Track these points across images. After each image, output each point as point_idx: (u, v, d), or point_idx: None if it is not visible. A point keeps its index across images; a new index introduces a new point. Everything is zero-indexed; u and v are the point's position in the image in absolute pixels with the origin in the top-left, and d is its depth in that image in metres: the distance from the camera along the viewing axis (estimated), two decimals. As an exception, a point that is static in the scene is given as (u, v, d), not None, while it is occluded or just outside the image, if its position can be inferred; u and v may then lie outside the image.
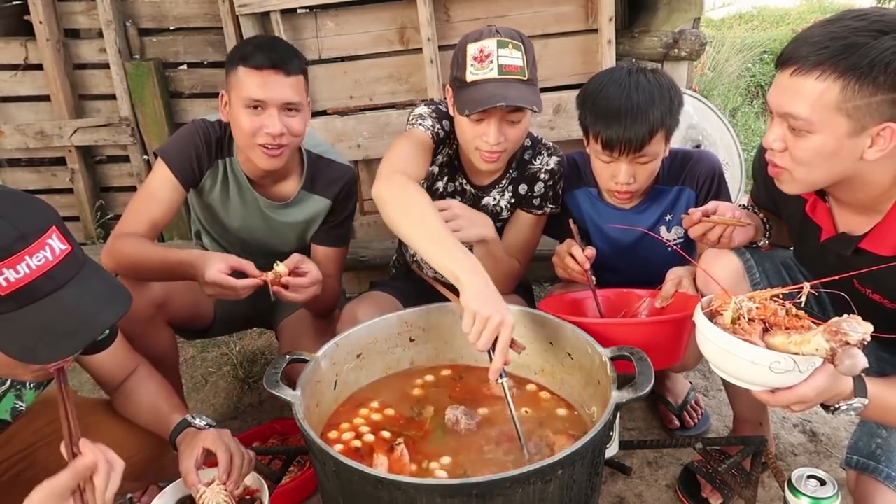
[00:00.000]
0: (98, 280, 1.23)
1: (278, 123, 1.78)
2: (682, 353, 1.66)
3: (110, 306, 1.22)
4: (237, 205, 2.03)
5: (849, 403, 1.24)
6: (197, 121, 1.95)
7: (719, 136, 2.94)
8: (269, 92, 1.77)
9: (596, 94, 1.78)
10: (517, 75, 1.69)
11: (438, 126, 1.86)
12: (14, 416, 1.45)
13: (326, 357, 1.54)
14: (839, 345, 1.05)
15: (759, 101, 6.05)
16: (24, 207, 1.16)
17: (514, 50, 1.69)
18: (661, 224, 1.98)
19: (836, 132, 1.21)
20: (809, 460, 1.99)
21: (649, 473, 1.96)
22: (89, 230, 3.43)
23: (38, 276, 1.13)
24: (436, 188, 1.98)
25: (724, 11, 9.04)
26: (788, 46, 1.25)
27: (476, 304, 1.37)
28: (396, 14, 2.77)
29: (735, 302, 1.20)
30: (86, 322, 1.18)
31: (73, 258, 1.19)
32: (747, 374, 1.19)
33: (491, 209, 1.98)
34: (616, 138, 1.72)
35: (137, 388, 1.59)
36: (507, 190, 1.97)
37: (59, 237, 1.17)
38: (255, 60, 1.76)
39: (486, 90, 1.67)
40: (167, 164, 1.88)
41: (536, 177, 1.95)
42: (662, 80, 1.78)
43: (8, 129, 3.27)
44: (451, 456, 1.39)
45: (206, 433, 1.42)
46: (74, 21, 3.19)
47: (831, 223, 1.42)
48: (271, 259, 2.21)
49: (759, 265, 1.62)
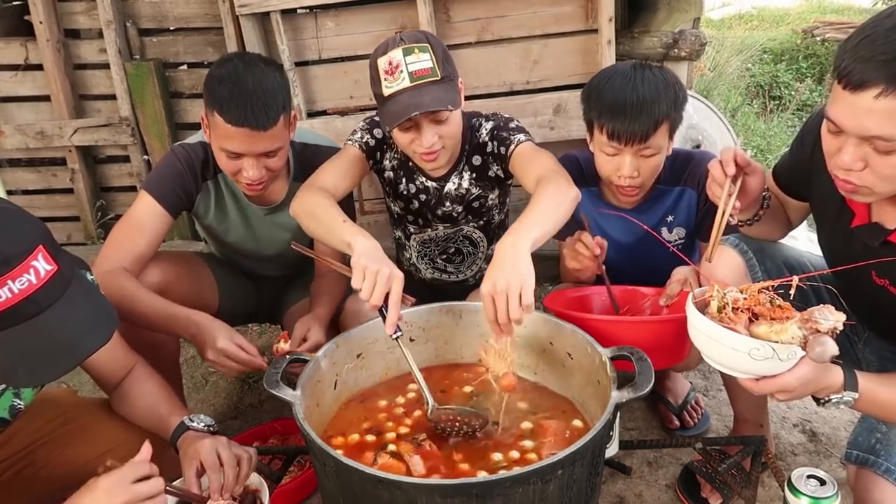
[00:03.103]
0: (83, 303, 1.20)
1: (257, 171, 1.78)
2: (686, 352, 1.66)
3: (94, 332, 1.20)
4: (236, 219, 2.03)
5: (839, 397, 1.26)
6: (176, 148, 1.92)
7: (719, 137, 2.94)
8: (246, 147, 1.73)
9: (602, 87, 1.78)
10: (429, 77, 1.71)
11: (368, 136, 1.93)
12: (13, 414, 1.45)
13: (326, 357, 1.54)
14: (810, 332, 1.09)
15: (759, 101, 6.05)
16: (8, 228, 1.14)
17: (421, 53, 1.71)
18: (662, 225, 1.98)
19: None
20: (809, 460, 1.99)
21: (649, 473, 1.96)
22: (89, 230, 3.44)
23: (20, 301, 1.11)
24: (401, 191, 2.03)
25: (724, 11, 9.06)
26: (860, 65, 1.14)
27: (364, 261, 1.43)
28: (396, 14, 2.77)
29: (718, 290, 1.24)
30: (67, 348, 1.16)
31: (59, 278, 1.16)
32: (729, 361, 1.22)
33: (455, 194, 2.00)
34: (622, 129, 1.73)
35: (135, 388, 1.59)
36: (464, 170, 1.99)
37: (45, 257, 1.15)
38: (230, 115, 1.69)
39: (402, 101, 1.70)
40: (152, 195, 1.84)
41: (482, 143, 1.94)
42: (668, 76, 1.80)
43: (8, 129, 3.27)
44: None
45: (202, 444, 1.40)
46: (74, 21, 3.19)
47: (866, 211, 1.39)
48: (270, 265, 2.22)
49: (761, 263, 1.62)
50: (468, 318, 1.69)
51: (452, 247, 2.13)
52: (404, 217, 2.11)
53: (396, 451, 1.39)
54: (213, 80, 1.74)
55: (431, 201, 2.03)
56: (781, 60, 6.68)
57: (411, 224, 2.11)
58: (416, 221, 2.09)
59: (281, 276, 2.26)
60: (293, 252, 2.15)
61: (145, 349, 1.81)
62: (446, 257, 2.14)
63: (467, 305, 1.71)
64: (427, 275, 2.19)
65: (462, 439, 1.45)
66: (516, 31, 2.78)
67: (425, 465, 1.35)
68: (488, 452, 1.41)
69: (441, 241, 2.11)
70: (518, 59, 2.80)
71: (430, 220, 2.07)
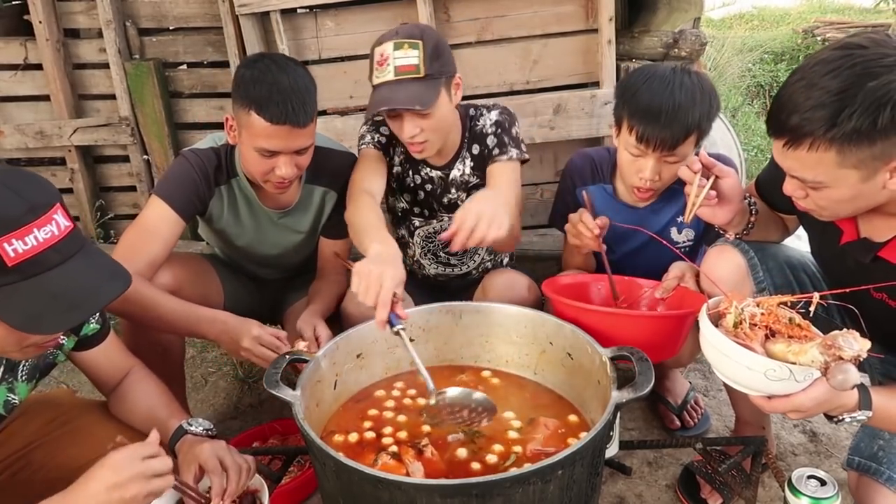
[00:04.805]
0: (100, 257, 1.29)
1: (291, 168, 1.80)
2: (678, 348, 1.67)
3: (113, 280, 1.27)
4: (248, 223, 2.03)
5: (853, 416, 1.23)
6: (187, 153, 1.92)
7: (719, 136, 2.93)
8: (284, 144, 1.75)
9: (639, 86, 1.77)
10: (411, 74, 1.76)
11: (377, 135, 2.00)
12: (7, 409, 1.44)
13: (326, 357, 1.54)
14: (833, 359, 1.06)
15: (760, 101, 6.05)
16: (32, 182, 1.21)
17: (410, 49, 1.76)
18: (672, 225, 1.98)
19: (849, 182, 1.20)
20: (809, 460, 1.99)
21: (649, 473, 1.96)
22: (89, 230, 3.43)
23: (46, 249, 1.17)
24: (407, 184, 2.08)
25: (724, 11, 9.05)
26: (774, 114, 1.24)
27: (360, 265, 1.46)
28: (396, 14, 2.77)
29: (736, 306, 1.20)
30: (91, 294, 1.23)
31: (76, 234, 1.24)
32: (743, 379, 1.20)
33: (459, 181, 2.04)
34: (652, 134, 1.73)
35: (133, 391, 1.59)
36: (466, 158, 2.03)
37: (63, 214, 1.22)
38: (270, 113, 1.70)
39: (381, 93, 1.78)
40: (165, 200, 1.84)
41: (484, 133, 1.99)
42: (705, 84, 1.78)
43: (8, 129, 3.27)
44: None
45: (201, 448, 1.40)
46: (74, 21, 3.19)
47: (854, 227, 1.40)
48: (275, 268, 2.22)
49: (763, 263, 1.61)
50: (468, 318, 1.69)
51: None
52: (410, 211, 2.13)
53: (398, 453, 1.39)
54: (246, 81, 1.74)
55: (437, 190, 2.06)
56: (782, 60, 6.68)
57: (417, 217, 2.13)
58: (421, 213, 2.12)
59: (282, 278, 2.26)
60: (298, 255, 2.16)
61: (152, 352, 1.81)
62: (450, 251, 2.14)
63: (467, 305, 1.71)
64: (431, 270, 2.19)
65: (464, 436, 1.44)
66: (516, 31, 2.77)
67: (426, 472, 1.34)
68: (490, 445, 1.42)
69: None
70: (518, 58, 2.80)
71: (436, 210, 2.10)
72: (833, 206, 1.28)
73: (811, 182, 1.23)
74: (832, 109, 1.14)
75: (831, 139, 1.15)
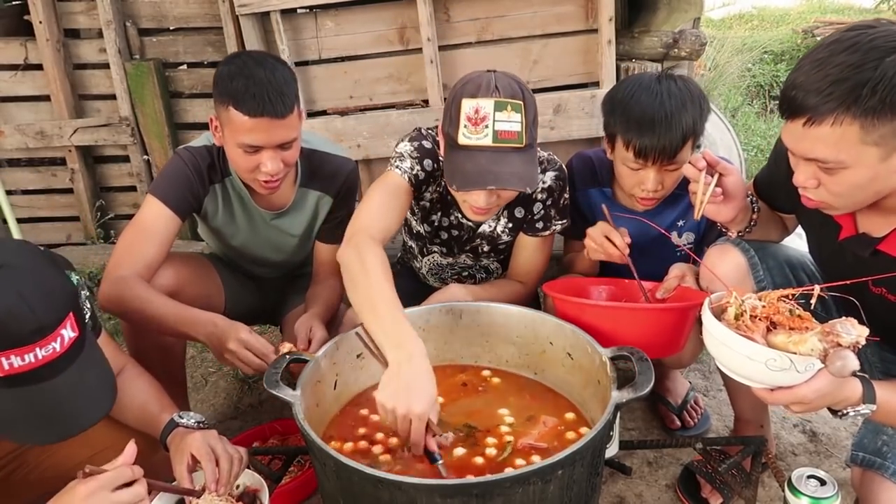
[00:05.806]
0: (91, 371, 1.24)
1: (276, 164, 1.75)
2: (681, 344, 1.66)
3: (95, 405, 1.23)
4: (242, 222, 2.02)
5: (857, 409, 1.23)
6: (181, 151, 1.90)
7: (719, 136, 2.94)
8: (265, 138, 1.72)
9: (627, 101, 1.74)
10: (513, 142, 1.58)
11: (418, 167, 1.77)
12: None
13: (326, 357, 1.53)
14: (831, 346, 1.07)
15: (760, 101, 6.05)
16: (49, 296, 1.16)
17: (513, 112, 1.56)
18: (672, 230, 1.98)
19: (869, 161, 1.19)
20: (809, 460, 1.99)
21: (649, 473, 1.96)
22: (89, 230, 3.43)
23: (41, 366, 1.13)
24: (432, 221, 1.95)
25: (724, 11, 9.05)
26: (790, 95, 1.22)
27: (381, 395, 1.31)
28: (396, 14, 2.77)
29: (736, 297, 1.22)
30: (67, 418, 1.19)
31: (78, 343, 1.20)
32: (745, 370, 1.20)
33: (488, 235, 1.95)
34: (650, 147, 1.70)
35: (125, 388, 1.56)
36: (501, 216, 1.91)
37: (72, 324, 1.18)
38: (247, 106, 1.67)
39: (479, 163, 1.57)
40: (161, 199, 1.83)
41: (533, 197, 1.86)
42: (692, 87, 1.77)
43: (8, 129, 3.27)
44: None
45: (192, 437, 1.40)
46: (74, 21, 3.19)
47: (852, 222, 1.40)
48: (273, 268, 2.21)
49: (764, 262, 1.61)
50: (468, 318, 1.69)
51: (467, 272, 2.10)
52: (428, 239, 2.03)
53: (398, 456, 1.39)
54: (224, 77, 1.73)
55: (463, 237, 1.97)
56: (782, 60, 6.68)
57: (434, 245, 2.04)
58: (440, 248, 2.04)
59: (282, 277, 2.26)
60: (295, 257, 2.15)
61: (153, 352, 1.81)
62: (458, 279, 2.12)
63: (468, 305, 1.71)
64: (433, 283, 2.17)
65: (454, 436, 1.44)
66: (516, 31, 2.78)
67: (427, 472, 1.33)
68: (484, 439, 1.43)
69: (458, 266, 2.09)
70: (518, 59, 2.80)
71: (455, 252, 2.03)
72: (848, 192, 1.25)
73: (832, 162, 1.21)
74: (854, 83, 1.13)
75: (854, 113, 1.14)
